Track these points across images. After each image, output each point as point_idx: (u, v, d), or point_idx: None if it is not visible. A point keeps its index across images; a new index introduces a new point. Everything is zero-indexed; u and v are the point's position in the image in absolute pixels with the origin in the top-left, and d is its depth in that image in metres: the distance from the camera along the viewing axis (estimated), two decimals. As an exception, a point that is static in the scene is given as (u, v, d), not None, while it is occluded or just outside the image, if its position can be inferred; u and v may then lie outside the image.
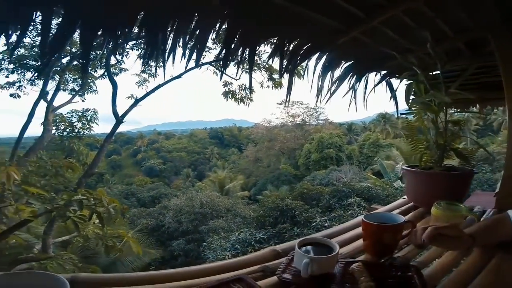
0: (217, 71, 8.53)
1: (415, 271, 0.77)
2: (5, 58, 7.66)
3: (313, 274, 0.69)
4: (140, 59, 8.40)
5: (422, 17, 1.25)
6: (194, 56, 1.53)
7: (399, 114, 1.80)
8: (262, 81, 8.60)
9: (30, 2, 1.62)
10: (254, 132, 32.83)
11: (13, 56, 6.93)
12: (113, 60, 7.74)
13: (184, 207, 13.90)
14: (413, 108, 1.51)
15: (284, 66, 1.47)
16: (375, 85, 1.78)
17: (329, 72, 1.59)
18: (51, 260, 5.56)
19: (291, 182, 22.74)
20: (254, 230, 9.99)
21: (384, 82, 1.87)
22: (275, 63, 1.55)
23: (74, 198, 2.27)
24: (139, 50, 7.97)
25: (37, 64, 7.38)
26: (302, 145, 27.22)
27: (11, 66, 7.61)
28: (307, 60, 1.64)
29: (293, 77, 1.50)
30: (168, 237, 13.12)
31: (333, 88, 1.59)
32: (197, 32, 1.69)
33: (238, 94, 8.33)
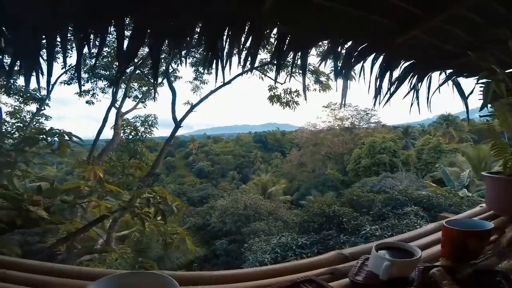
0: (263, 76, 8.69)
1: (503, 277, 0.72)
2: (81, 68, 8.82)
3: (390, 278, 0.69)
4: (192, 67, 9.06)
5: (492, 14, 1.16)
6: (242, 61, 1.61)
7: (476, 116, 1.65)
8: (308, 84, 8.51)
9: (107, 16, 1.90)
10: (298, 136, 32.14)
11: (86, 66, 7.92)
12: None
13: (229, 208, 14.32)
14: (494, 110, 1.39)
15: (339, 68, 1.47)
16: (440, 85, 1.66)
17: (387, 73, 1.53)
18: (112, 253, 6.22)
19: (337, 188, 21.83)
20: (296, 234, 9.86)
21: (449, 82, 1.73)
22: (321, 66, 1.55)
23: (143, 196, 2.54)
24: (190, 58, 8.55)
25: (107, 73, 8.43)
26: (351, 150, 25.88)
27: (86, 75, 8.77)
28: (362, 61, 1.61)
29: (349, 79, 1.49)
30: (212, 236, 13.60)
31: (392, 89, 1.53)
32: (250, 39, 1.79)
33: (284, 98, 8.36)
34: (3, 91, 8.09)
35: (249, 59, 1.89)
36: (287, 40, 1.57)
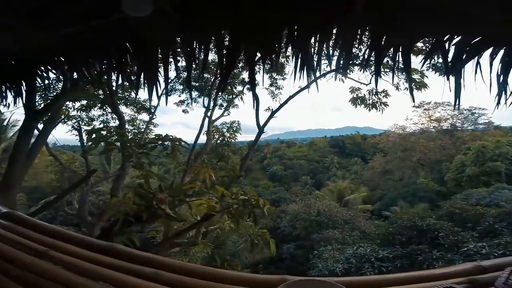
0: (343, 78, 8.33)
1: None
2: (176, 80, 10.14)
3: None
4: (266, 74, 9.41)
5: None
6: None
7: None
8: (398, 83, 7.73)
9: (208, 30, 2.21)
10: (383, 141, 28.50)
11: (180, 79, 9.09)
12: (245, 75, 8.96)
13: (301, 213, 14.18)
14: None
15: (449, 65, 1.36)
16: None
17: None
18: (198, 246, 6.90)
19: (431, 200, 18.90)
20: (376, 246, 9.20)
21: None
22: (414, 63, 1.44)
23: (240, 197, 2.83)
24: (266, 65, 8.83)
25: (197, 85, 9.54)
26: (452, 157, 21.90)
27: (181, 87, 10.12)
28: (477, 57, 1.45)
29: (462, 76, 1.36)
30: (281, 239, 13.52)
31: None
32: (341, 41, 1.80)
33: (369, 100, 7.83)
34: (123, 102, 10.14)
35: (341, 61, 1.90)
36: (383, 39, 1.52)
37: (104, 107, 9.81)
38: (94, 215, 7.71)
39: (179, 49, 2.73)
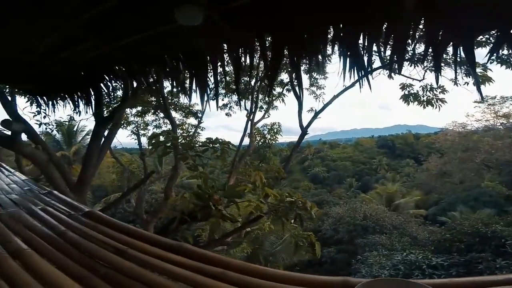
0: (392, 74, 7.77)
1: None
2: (219, 85, 10.59)
3: None
4: (306, 74, 9.22)
5: None
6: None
7: None
8: (456, 78, 6.93)
9: (251, 35, 2.23)
10: (439, 140, 25.63)
11: (223, 83, 9.38)
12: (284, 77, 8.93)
13: (345, 217, 13.73)
14: None
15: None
16: None
17: None
18: (238, 245, 7.00)
19: (499, 205, 16.84)
20: (429, 253, 8.62)
21: None
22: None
23: (287, 199, 2.83)
24: (303, 66, 8.74)
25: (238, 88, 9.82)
26: (524, 157, 18.89)
27: (223, 91, 10.51)
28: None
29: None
30: (321, 242, 13.24)
31: None
32: (393, 37, 1.68)
33: (423, 96, 7.17)
34: (172, 107, 10.85)
35: (395, 58, 1.79)
36: (440, 33, 1.39)
37: (157, 113, 10.64)
38: (149, 213, 8.39)
39: (225, 55, 2.85)
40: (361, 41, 1.67)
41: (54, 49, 2.79)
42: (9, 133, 3.32)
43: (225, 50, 2.64)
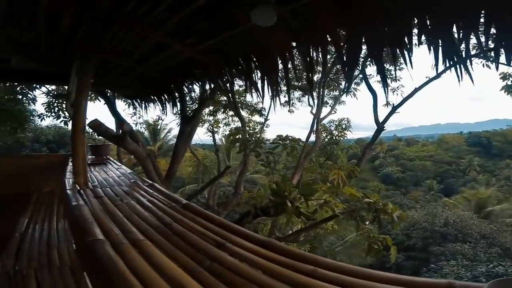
0: (488, 64, 6.43)
1: None
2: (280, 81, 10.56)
3: None
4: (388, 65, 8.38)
5: None
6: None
7: None
8: None
9: (323, 30, 2.11)
10: None
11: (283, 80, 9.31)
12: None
13: (421, 222, 12.67)
14: None
15: None
16: None
17: None
18: (298, 243, 6.83)
19: None
20: None
21: None
22: None
23: (365, 200, 2.66)
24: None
25: (300, 84, 9.58)
26: None
27: (284, 88, 10.48)
28: None
29: None
30: (388, 247, 12.00)
31: None
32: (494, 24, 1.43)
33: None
34: (239, 106, 11.33)
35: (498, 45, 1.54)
36: None
37: (226, 111, 11.29)
38: (220, 205, 8.99)
39: (295, 53, 2.81)
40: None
41: (145, 56, 3.21)
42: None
43: (294, 48, 2.62)
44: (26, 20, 2.49)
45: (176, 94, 4.27)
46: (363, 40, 1.96)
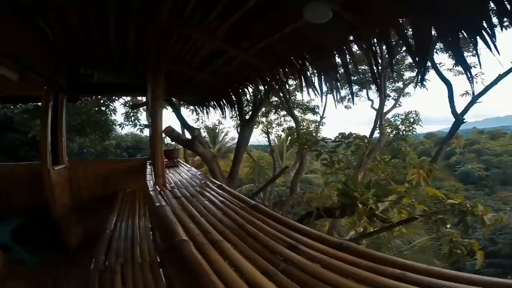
0: None
1: None
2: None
3: None
4: (445, 53, 7.27)
5: None
6: None
7: None
8: None
9: (383, 21, 1.89)
10: None
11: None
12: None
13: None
14: None
15: None
16: None
17: None
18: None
19: None
20: None
21: None
22: None
23: (448, 201, 2.33)
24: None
25: (355, 78, 8.90)
26: None
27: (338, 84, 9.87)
28: None
29: None
30: (471, 252, 10.25)
31: None
32: None
33: None
34: (293, 106, 11.22)
35: None
36: None
37: (278, 112, 11.33)
38: (276, 204, 9.06)
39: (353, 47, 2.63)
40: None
41: (204, 63, 3.40)
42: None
43: (352, 41, 2.46)
44: (99, 37, 2.89)
45: (234, 97, 4.42)
46: (433, 26, 1.73)
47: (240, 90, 4.29)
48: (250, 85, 4.15)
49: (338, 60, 2.63)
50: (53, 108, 3.38)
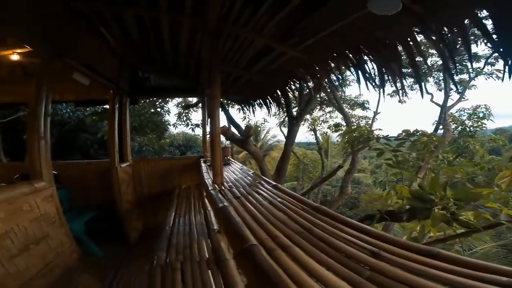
0: None
1: None
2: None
3: None
4: None
5: None
6: None
7: None
8: None
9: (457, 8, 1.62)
10: None
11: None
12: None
13: None
14: None
15: None
16: None
17: None
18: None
19: None
20: None
21: None
22: None
23: None
24: None
25: (409, 71, 8.06)
26: None
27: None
28: None
29: None
30: None
31: None
32: None
33: None
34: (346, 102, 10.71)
35: None
36: None
37: (323, 108, 10.94)
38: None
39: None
40: None
41: (251, 62, 3.39)
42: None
43: (418, 33, 2.23)
44: (155, 41, 3.06)
45: (281, 95, 4.36)
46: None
47: (287, 88, 4.20)
48: (298, 82, 4.04)
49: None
50: (118, 110, 3.71)
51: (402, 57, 2.34)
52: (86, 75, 2.79)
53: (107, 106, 4.42)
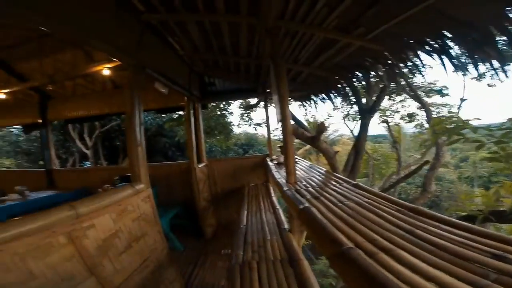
0: None
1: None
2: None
3: None
4: None
5: None
6: None
7: None
8: None
9: None
10: None
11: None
12: None
13: None
14: None
15: None
16: None
17: None
18: None
19: None
20: None
21: None
22: None
23: None
24: None
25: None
26: None
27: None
28: None
29: None
30: None
31: None
32: None
33: None
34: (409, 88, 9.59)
35: None
36: None
37: (392, 97, 9.90)
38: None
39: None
40: None
41: (311, 57, 3.26)
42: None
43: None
44: (217, 46, 3.19)
45: (347, 88, 4.09)
46: None
47: (354, 79, 3.93)
48: (366, 73, 3.74)
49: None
50: (193, 115, 4.03)
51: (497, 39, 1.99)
52: (165, 84, 3.08)
53: (182, 112, 4.83)
